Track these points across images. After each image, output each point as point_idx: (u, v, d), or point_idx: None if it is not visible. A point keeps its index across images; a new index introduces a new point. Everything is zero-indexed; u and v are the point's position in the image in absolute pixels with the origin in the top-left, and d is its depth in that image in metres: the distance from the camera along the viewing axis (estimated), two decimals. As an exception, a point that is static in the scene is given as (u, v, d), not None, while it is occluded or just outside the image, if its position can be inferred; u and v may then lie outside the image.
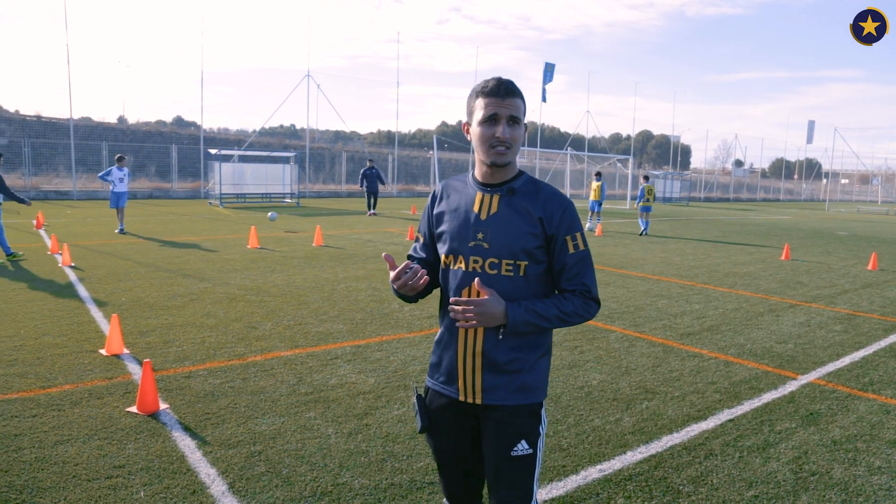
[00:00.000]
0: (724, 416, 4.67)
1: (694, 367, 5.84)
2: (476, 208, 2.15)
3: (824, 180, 74.00)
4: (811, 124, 61.24)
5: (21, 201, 11.23)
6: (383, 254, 2.12)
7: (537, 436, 2.16)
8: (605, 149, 61.34)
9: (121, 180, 15.49)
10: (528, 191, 2.14)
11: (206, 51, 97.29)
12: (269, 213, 17.36)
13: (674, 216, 29.70)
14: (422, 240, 2.37)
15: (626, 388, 5.20)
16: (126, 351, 5.82)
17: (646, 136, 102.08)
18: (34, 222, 16.45)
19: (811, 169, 79.72)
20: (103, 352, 5.77)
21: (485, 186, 2.17)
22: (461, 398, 2.17)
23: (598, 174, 20.40)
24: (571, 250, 2.12)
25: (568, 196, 2.80)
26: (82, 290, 8.40)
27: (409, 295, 2.18)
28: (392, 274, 2.11)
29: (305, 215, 22.29)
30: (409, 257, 2.41)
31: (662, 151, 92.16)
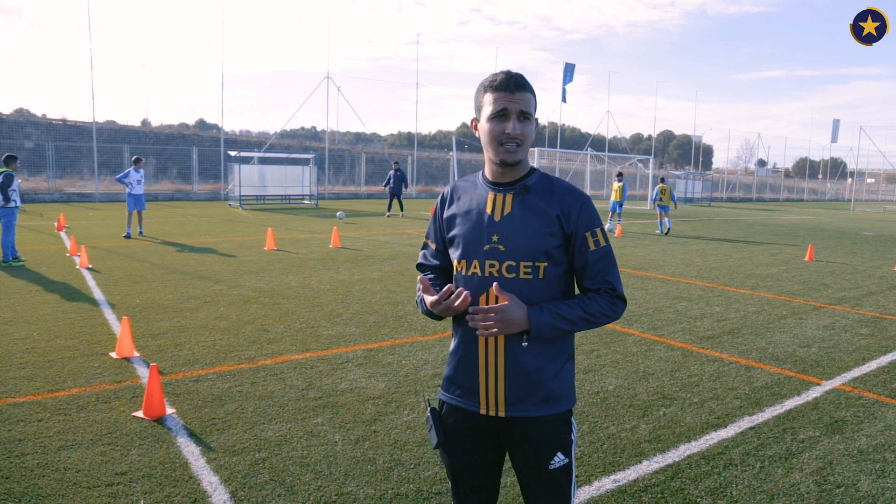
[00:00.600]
0: (745, 423, 4.50)
1: (714, 371, 5.66)
2: (489, 209, 2.04)
3: (849, 180, 72.67)
4: (836, 123, 60.11)
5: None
6: (419, 277, 1.99)
7: (570, 443, 2.08)
8: (625, 149, 60.82)
9: (138, 182, 15.33)
10: (542, 188, 2.04)
11: (227, 54, 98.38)
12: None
13: (695, 216, 29.31)
14: (433, 247, 2.24)
15: (643, 393, 5.05)
16: (136, 354, 5.79)
17: (667, 136, 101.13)
18: (55, 224, 16.61)
19: (836, 168, 78.39)
20: (114, 355, 5.74)
21: (496, 186, 2.06)
22: (482, 411, 2.04)
23: (620, 174, 20.17)
24: (592, 247, 2.02)
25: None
26: (97, 293, 8.41)
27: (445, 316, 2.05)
28: (431, 298, 1.99)
29: (323, 217, 22.30)
30: (421, 266, 2.30)
31: (684, 151, 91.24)
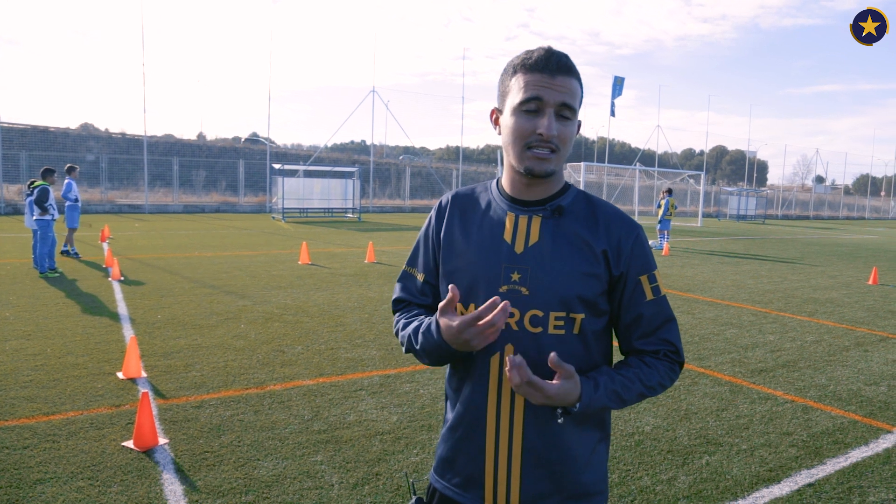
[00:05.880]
0: (802, 478, 3.92)
1: (766, 412, 5.06)
2: (508, 236, 1.53)
3: (916, 197, 69.44)
4: (901, 138, 57.46)
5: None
6: (451, 286, 1.45)
7: None
8: (676, 164, 59.37)
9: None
10: (581, 211, 1.54)
11: (279, 70, 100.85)
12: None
13: (748, 234, 28.13)
14: (420, 278, 1.69)
15: (685, 436, 4.50)
16: (143, 375, 5.51)
17: (720, 152, 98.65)
18: (100, 235, 16.79)
19: (901, 185, 74.99)
20: (121, 375, 5.47)
21: (518, 204, 1.56)
22: None
23: (669, 190, 19.40)
24: (650, 296, 1.53)
25: (636, 216, 2.07)
26: (122, 307, 8.24)
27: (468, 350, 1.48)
28: (457, 321, 1.40)
29: (364, 230, 22.12)
30: (400, 303, 1.73)
31: (738, 167, 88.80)
